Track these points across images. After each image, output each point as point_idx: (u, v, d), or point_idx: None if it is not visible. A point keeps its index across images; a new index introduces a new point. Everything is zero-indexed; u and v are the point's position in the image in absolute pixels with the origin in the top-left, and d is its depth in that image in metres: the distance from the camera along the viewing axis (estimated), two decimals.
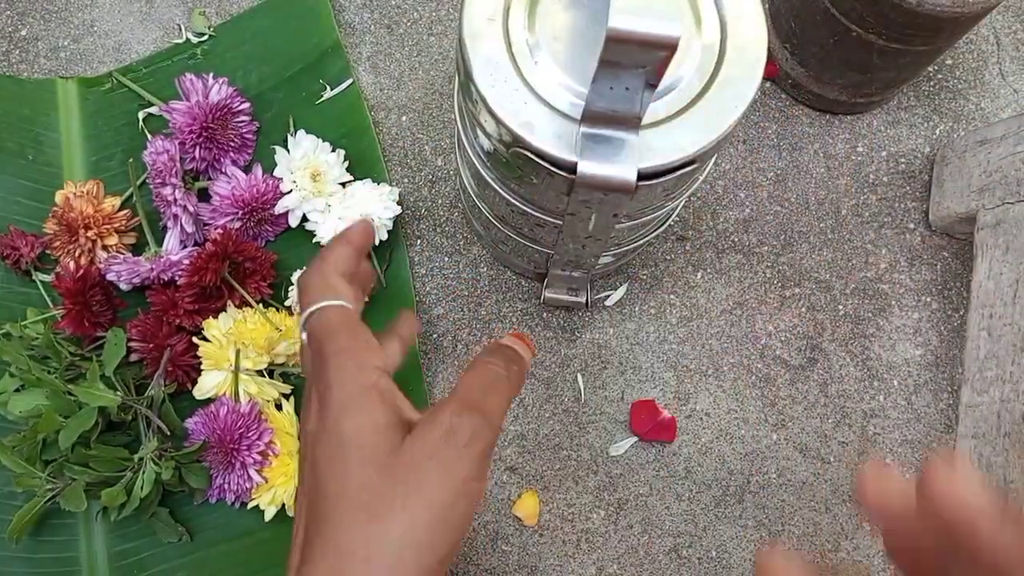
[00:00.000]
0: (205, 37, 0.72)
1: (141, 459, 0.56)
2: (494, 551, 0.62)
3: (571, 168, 0.39)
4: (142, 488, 0.55)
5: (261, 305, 0.62)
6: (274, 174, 0.64)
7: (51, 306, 0.63)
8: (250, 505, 0.58)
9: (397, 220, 0.65)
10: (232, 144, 0.66)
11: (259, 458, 0.56)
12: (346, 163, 0.66)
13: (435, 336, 0.66)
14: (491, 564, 0.62)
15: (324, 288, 0.37)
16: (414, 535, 0.29)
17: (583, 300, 0.62)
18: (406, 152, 0.71)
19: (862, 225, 0.70)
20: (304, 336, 0.36)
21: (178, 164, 0.62)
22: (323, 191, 0.64)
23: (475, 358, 0.36)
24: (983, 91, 0.74)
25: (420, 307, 0.67)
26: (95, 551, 0.60)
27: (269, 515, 0.58)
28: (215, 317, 0.60)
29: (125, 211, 0.65)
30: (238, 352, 0.58)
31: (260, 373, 0.60)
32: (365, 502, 0.29)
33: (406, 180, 0.70)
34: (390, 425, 0.31)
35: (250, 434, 0.56)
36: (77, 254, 0.62)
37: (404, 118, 0.72)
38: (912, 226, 0.71)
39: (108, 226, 0.63)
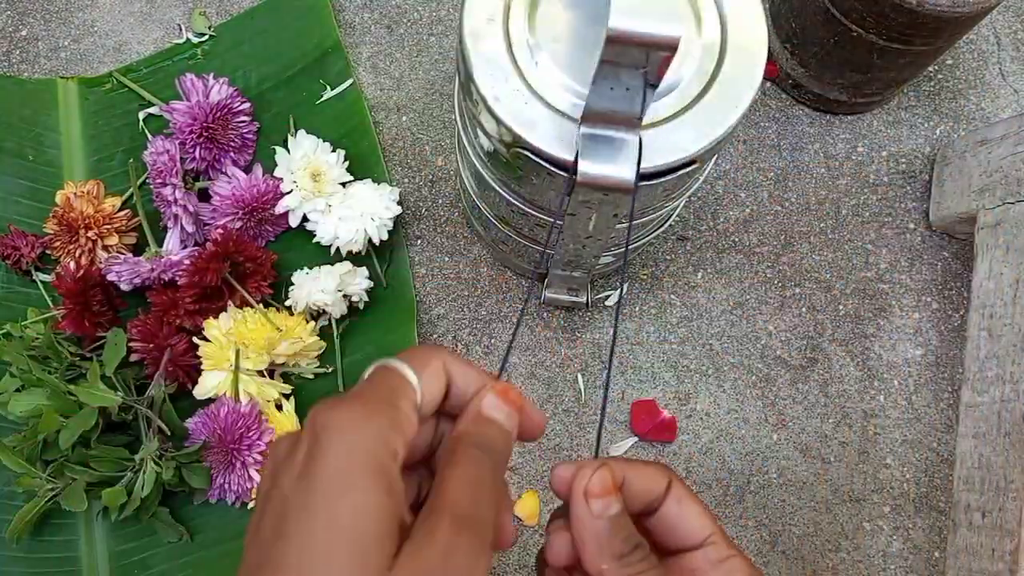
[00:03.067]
0: (205, 37, 0.72)
1: (142, 459, 0.56)
2: (494, 551, 0.62)
3: (571, 168, 0.39)
4: (143, 488, 0.55)
5: (261, 305, 0.62)
6: (274, 174, 0.64)
7: (51, 306, 0.63)
8: (250, 505, 0.58)
9: (397, 220, 0.65)
10: (232, 144, 0.66)
11: (259, 458, 0.56)
12: (346, 163, 0.66)
13: (435, 336, 0.66)
14: (491, 564, 0.62)
15: (420, 359, 0.29)
16: None
17: (583, 300, 0.62)
18: (406, 152, 0.71)
19: (862, 225, 0.70)
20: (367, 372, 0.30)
21: (178, 164, 0.62)
22: (323, 191, 0.64)
23: (455, 439, 0.30)
24: (983, 91, 0.74)
25: (420, 307, 0.67)
26: (95, 551, 0.60)
27: None
28: (215, 317, 0.60)
29: (125, 211, 0.65)
30: (238, 352, 0.58)
31: (260, 373, 0.60)
32: None
33: (406, 180, 0.70)
34: (392, 519, 0.26)
35: (250, 434, 0.56)
36: (77, 254, 0.62)
37: (404, 118, 0.72)
38: (912, 226, 0.71)
39: (108, 226, 0.63)
